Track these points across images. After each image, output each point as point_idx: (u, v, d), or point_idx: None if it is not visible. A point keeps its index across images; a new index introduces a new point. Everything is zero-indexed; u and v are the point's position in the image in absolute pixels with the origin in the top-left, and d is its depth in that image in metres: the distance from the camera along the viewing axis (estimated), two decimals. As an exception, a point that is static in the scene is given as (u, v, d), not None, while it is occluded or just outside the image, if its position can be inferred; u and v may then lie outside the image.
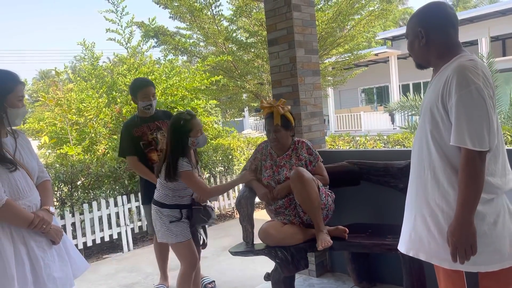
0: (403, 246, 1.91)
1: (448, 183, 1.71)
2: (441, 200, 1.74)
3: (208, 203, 2.89)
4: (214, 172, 6.37)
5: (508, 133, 5.08)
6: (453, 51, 1.78)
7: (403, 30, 17.95)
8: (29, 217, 1.96)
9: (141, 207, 4.95)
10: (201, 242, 2.98)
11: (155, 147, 3.36)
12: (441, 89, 1.70)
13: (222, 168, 6.59)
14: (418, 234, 1.82)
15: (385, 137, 6.64)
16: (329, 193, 2.93)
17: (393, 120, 18.44)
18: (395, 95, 18.22)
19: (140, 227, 5.23)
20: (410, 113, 8.95)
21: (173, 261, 3.55)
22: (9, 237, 1.91)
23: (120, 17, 8.03)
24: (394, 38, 19.09)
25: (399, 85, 19.00)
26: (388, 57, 18.83)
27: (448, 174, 1.71)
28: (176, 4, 9.61)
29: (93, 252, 5.04)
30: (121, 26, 8.10)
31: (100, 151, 6.34)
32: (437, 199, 1.75)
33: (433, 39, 1.79)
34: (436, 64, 1.82)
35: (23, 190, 2.00)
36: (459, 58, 1.73)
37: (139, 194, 4.86)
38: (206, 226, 3.05)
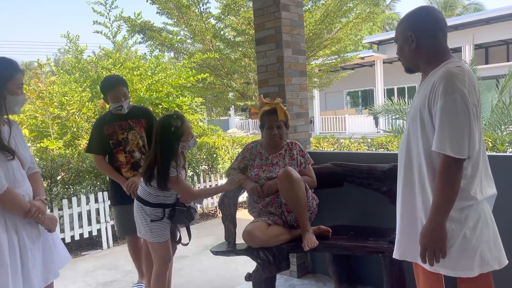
0: (395, 250, 1.93)
1: (430, 187, 1.73)
2: (424, 203, 1.76)
3: (192, 205, 2.85)
4: (198, 171, 6.33)
5: (489, 140, 5.17)
6: (442, 56, 1.78)
7: (389, 35, 18.16)
8: (26, 206, 1.98)
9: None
10: (177, 239, 2.95)
11: (124, 148, 3.17)
12: (427, 94, 1.71)
13: (206, 166, 6.55)
14: (404, 236, 1.85)
15: (369, 140, 6.69)
16: (314, 197, 2.94)
17: (377, 124, 18.64)
18: (379, 98, 18.42)
19: (121, 224, 5.15)
20: (394, 117, 9.06)
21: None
22: (3, 225, 1.93)
23: (109, 10, 7.93)
24: (380, 42, 19.31)
25: (384, 89, 19.23)
26: (374, 61, 19.03)
27: (430, 178, 1.73)
28: (163, -1, 9.53)
29: (72, 248, 4.94)
30: (109, 19, 8.00)
31: (81, 146, 6.23)
32: (421, 202, 1.77)
33: (423, 43, 1.79)
34: (425, 69, 1.82)
35: (18, 179, 2.03)
36: (447, 64, 1.74)
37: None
38: (190, 226, 3.01)
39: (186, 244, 2.94)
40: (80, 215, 4.86)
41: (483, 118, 7.50)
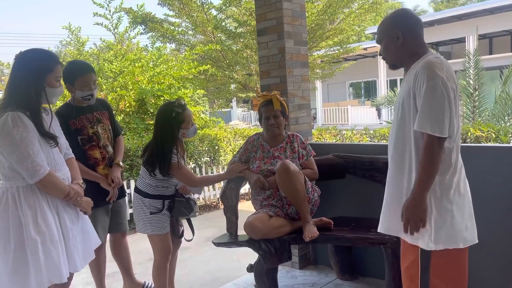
0: (379, 225, 2.13)
1: (415, 166, 1.88)
2: (409, 181, 1.92)
3: (192, 196, 2.84)
4: (199, 163, 6.33)
5: (493, 131, 5.14)
6: (422, 51, 1.97)
7: (392, 25, 17.95)
8: (66, 189, 2.10)
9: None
10: (179, 233, 2.95)
11: (97, 143, 2.84)
12: (411, 83, 1.88)
13: (208, 158, 6.55)
14: (388, 212, 2.04)
15: (371, 131, 6.68)
16: (316, 189, 2.93)
17: (379, 115, 18.56)
18: (382, 90, 18.31)
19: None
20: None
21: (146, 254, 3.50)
22: (48, 206, 2.04)
23: (109, 1, 7.88)
24: (383, 33, 19.11)
25: (387, 80, 19.09)
26: (377, 51, 18.81)
27: (416, 160, 1.89)
28: (165, -10, 9.46)
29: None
30: (109, 11, 7.96)
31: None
32: (406, 180, 1.93)
33: (408, 40, 1.96)
34: (408, 63, 2.00)
35: (58, 163, 2.13)
36: (427, 56, 1.93)
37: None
38: (191, 218, 3.00)
39: (190, 240, 2.93)
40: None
41: (486, 109, 7.48)
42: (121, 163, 2.97)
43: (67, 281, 2.12)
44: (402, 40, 1.95)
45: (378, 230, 2.12)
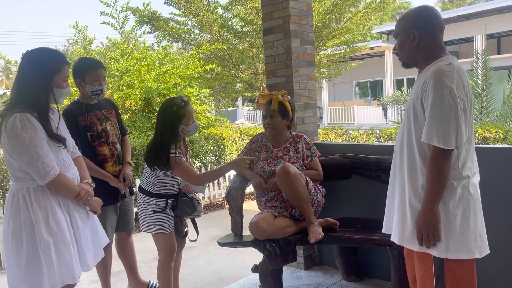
0: (384, 227, 2.11)
1: (421, 173, 1.86)
2: (413, 190, 1.89)
3: (195, 196, 2.84)
4: (205, 162, 6.33)
5: (501, 131, 5.09)
6: (438, 54, 1.90)
7: (399, 25, 17.85)
8: (76, 189, 2.08)
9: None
10: (183, 234, 2.94)
11: (106, 140, 2.88)
12: (420, 89, 1.84)
13: (214, 157, 6.55)
14: (394, 219, 2.00)
15: (377, 131, 6.64)
16: (319, 189, 2.91)
17: (386, 115, 18.49)
18: (389, 89, 18.23)
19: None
20: (403, 108, 8.96)
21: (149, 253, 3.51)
22: (59, 206, 2.04)
23: (116, 0, 7.92)
24: (390, 32, 19.06)
25: (393, 80, 19.01)
26: (383, 51, 18.80)
27: (421, 165, 1.86)
28: (171, -11, 9.46)
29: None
30: (116, 9, 7.99)
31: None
32: (411, 189, 1.90)
33: (424, 41, 1.90)
34: (421, 65, 1.94)
35: (67, 163, 2.12)
36: (439, 62, 1.86)
37: None
38: (195, 218, 3.00)
39: (194, 240, 2.92)
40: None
41: (494, 109, 7.41)
42: (131, 162, 3.04)
43: (80, 281, 2.12)
44: (418, 40, 1.89)
45: (384, 231, 2.09)
